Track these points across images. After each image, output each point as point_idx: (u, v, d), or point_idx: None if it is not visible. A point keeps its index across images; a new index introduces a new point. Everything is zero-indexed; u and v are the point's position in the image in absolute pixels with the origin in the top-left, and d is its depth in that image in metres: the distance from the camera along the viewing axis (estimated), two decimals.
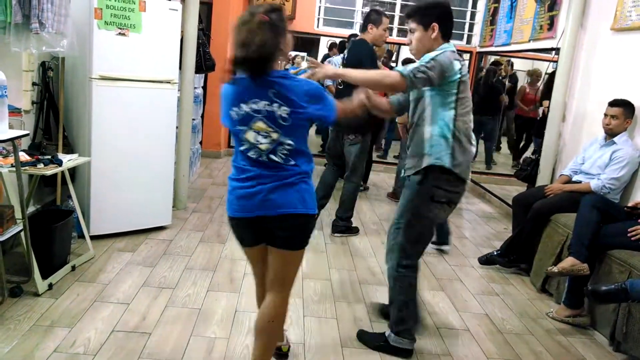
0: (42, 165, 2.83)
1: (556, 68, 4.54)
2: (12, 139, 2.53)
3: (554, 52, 4.70)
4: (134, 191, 3.67)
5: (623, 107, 3.47)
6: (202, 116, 5.96)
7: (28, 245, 2.73)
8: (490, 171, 6.91)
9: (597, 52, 4.21)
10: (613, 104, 3.51)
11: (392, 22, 6.87)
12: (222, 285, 3.13)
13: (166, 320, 2.66)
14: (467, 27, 7.06)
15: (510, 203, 4.52)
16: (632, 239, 2.90)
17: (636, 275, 2.71)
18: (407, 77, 2.18)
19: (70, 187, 3.25)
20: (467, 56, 7.12)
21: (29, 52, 2.91)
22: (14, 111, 3.07)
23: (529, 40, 5.35)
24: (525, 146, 6.38)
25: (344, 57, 4.36)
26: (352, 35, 5.64)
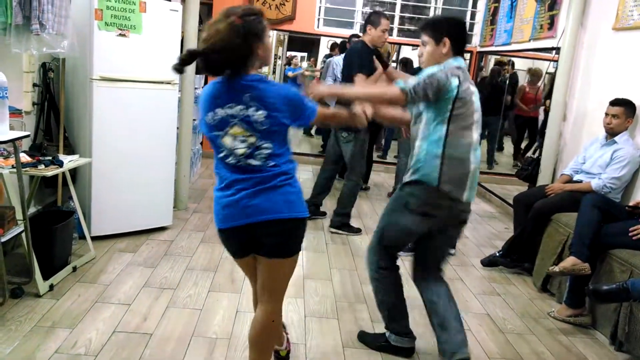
0: (43, 166, 2.84)
1: (557, 67, 4.54)
2: (13, 140, 2.53)
3: (554, 51, 4.70)
4: (134, 192, 3.67)
5: (624, 107, 3.47)
6: None
7: (29, 246, 2.73)
8: (491, 171, 6.91)
9: (597, 52, 4.20)
10: (614, 103, 3.51)
11: (393, 22, 6.86)
12: (223, 286, 3.13)
13: (167, 321, 2.66)
14: (467, 26, 7.05)
15: (511, 202, 4.52)
16: (633, 238, 2.89)
17: (637, 274, 2.70)
18: (407, 92, 2.18)
19: (71, 188, 3.26)
20: (467, 56, 7.12)
21: (29, 53, 2.92)
22: (15, 112, 3.07)
23: (529, 40, 5.34)
24: (529, 145, 6.38)
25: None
26: (353, 36, 5.64)
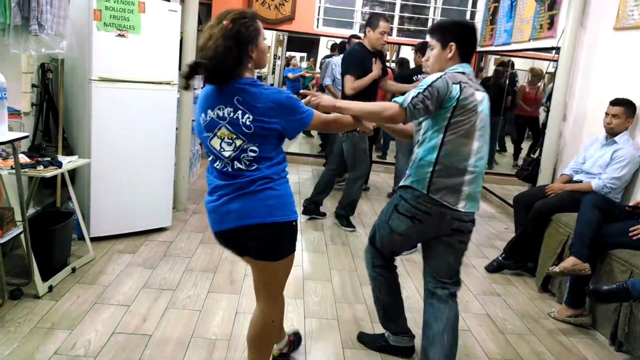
0: (41, 167, 2.83)
1: (556, 67, 4.53)
2: (11, 141, 2.52)
3: (554, 51, 4.69)
4: (133, 193, 3.67)
5: (624, 106, 3.46)
6: None
7: (28, 247, 2.72)
8: (492, 171, 6.91)
9: (597, 51, 4.20)
10: (614, 103, 3.50)
11: (392, 22, 6.85)
12: (222, 287, 3.13)
13: (167, 322, 2.66)
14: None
15: (511, 203, 4.51)
16: (634, 238, 2.89)
17: (637, 274, 2.70)
18: (406, 109, 2.11)
19: (70, 189, 3.25)
20: None
21: (28, 54, 2.91)
22: (14, 113, 3.07)
23: (529, 40, 5.34)
24: (532, 145, 6.38)
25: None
26: (352, 36, 5.64)
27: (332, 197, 4.85)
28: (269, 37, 11.19)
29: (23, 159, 2.80)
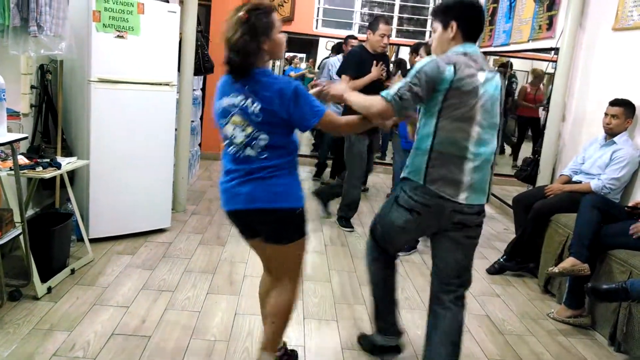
0: (40, 168, 2.83)
1: (555, 68, 4.54)
2: (10, 142, 2.52)
3: (553, 52, 4.69)
4: (133, 194, 3.67)
5: (624, 107, 3.46)
6: (201, 118, 5.95)
7: (27, 248, 2.72)
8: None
9: (596, 52, 4.20)
10: (614, 103, 3.50)
11: (391, 23, 6.85)
12: (221, 288, 3.12)
13: (166, 323, 2.65)
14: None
15: (510, 203, 4.51)
16: (634, 237, 2.89)
17: (637, 275, 2.70)
18: (392, 101, 1.99)
19: (69, 190, 3.25)
20: None
21: (27, 55, 2.91)
22: (13, 114, 3.06)
23: (528, 40, 5.34)
24: (534, 146, 6.38)
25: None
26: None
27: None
28: None
29: (22, 160, 2.80)
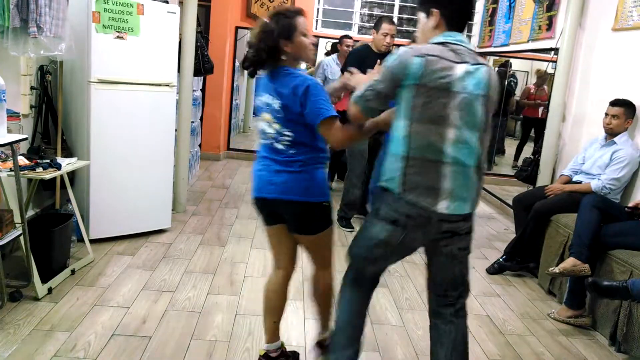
0: (41, 169, 2.83)
1: (555, 68, 4.54)
2: (10, 143, 2.52)
3: (552, 52, 4.70)
4: (133, 194, 3.67)
5: (624, 107, 3.47)
6: (201, 119, 5.96)
7: (27, 249, 2.72)
8: (491, 172, 6.90)
9: (596, 52, 4.20)
10: (614, 103, 3.51)
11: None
12: (222, 288, 3.12)
13: (166, 324, 2.65)
14: (465, 27, 7.06)
15: (510, 203, 4.52)
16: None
17: (637, 275, 2.70)
18: (358, 103, 1.87)
19: (69, 191, 3.25)
20: None
21: (27, 56, 2.90)
22: (13, 115, 3.06)
23: (528, 41, 5.35)
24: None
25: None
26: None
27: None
28: None
29: (22, 161, 2.80)
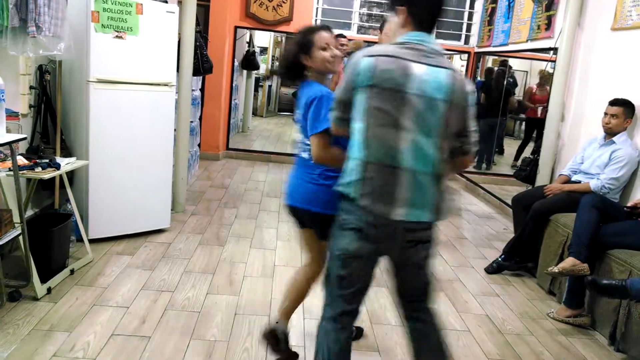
0: (40, 169, 2.82)
1: (554, 68, 4.54)
2: (9, 143, 2.52)
3: (552, 52, 4.70)
4: (132, 194, 3.66)
5: (623, 107, 3.47)
6: (200, 118, 5.95)
7: (26, 249, 2.71)
8: (490, 171, 6.90)
9: (595, 52, 4.21)
10: (613, 103, 3.51)
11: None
12: (221, 288, 3.12)
13: (165, 324, 2.65)
14: (464, 27, 7.07)
15: (509, 203, 4.52)
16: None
17: (636, 274, 2.70)
18: (332, 117, 1.83)
19: (69, 191, 3.25)
20: (465, 56, 7.13)
21: (26, 55, 2.90)
22: (12, 115, 3.06)
23: (527, 40, 5.35)
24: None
25: None
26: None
27: None
28: (266, 39, 11.19)
29: (21, 160, 2.79)
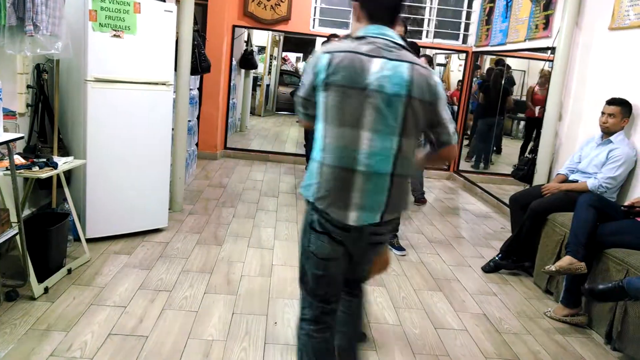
0: (37, 168, 2.82)
1: (552, 67, 4.55)
2: (6, 142, 2.51)
3: (549, 51, 4.71)
4: (129, 193, 3.66)
5: (621, 106, 3.48)
6: (198, 118, 5.95)
7: (24, 248, 2.71)
8: (487, 171, 6.91)
9: (593, 51, 4.22)
10: (611, 102, 3.52)
11: None
12: (219, 288, 3.12)
13: (163, 323, 2.65)
14: (462, 26, 7.07)
15: (507, 202, 4.53)
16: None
17: (633, 273, 2.71)
18: (298, 112, 1.81)
19: (66, 190, 3.24)
20: (463, 56, 7.13)
21: (23, 54, 2.90)
22: (9, 114, 3.05)
23: (525, 40, 5.36)
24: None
25: None
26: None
27: None
28: (264, 38, 11.18)
29: (18, 160, 2.79)
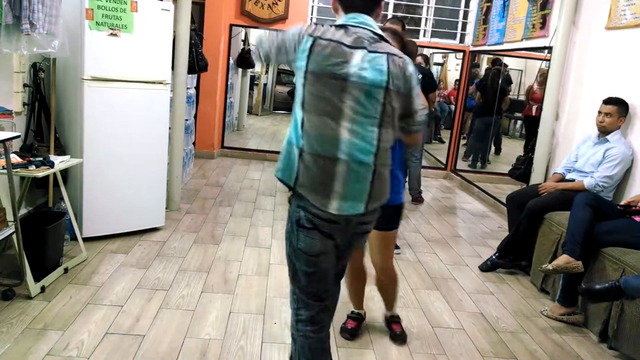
0: (33, 167, 2.81)
1: (549, 67, 4.56)
2: (3, 141, 2.51)
3: (546, 50, 4.71)
4: (126, 192, 3.65)
5: (617, 105, 3.48)
6: (195, 117, 5.94)
7: (20, 247, 2.70)
8: (484, 170, 6.92)
9: (589, 51, 4.23)
10: (607, 101, 3.52)
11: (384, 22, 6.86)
12: (216, 287, 3.12)
13: (160, 322, 2.65)
14: (460, 26, 7.07)
15: (504, 201, 4.53)
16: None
17: (629, 272, 2.72)
18: (256, 48, 1.80)
19: (63, 189, 3.23)
20: (460, 55, 7.14)
21: (19, 53, 2.89)
22: (5, 113, 3.05)
23: (522, 39, 5.36)
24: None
25: None
26: None
27: None
28: None
29: (15, 158, 2.78)
